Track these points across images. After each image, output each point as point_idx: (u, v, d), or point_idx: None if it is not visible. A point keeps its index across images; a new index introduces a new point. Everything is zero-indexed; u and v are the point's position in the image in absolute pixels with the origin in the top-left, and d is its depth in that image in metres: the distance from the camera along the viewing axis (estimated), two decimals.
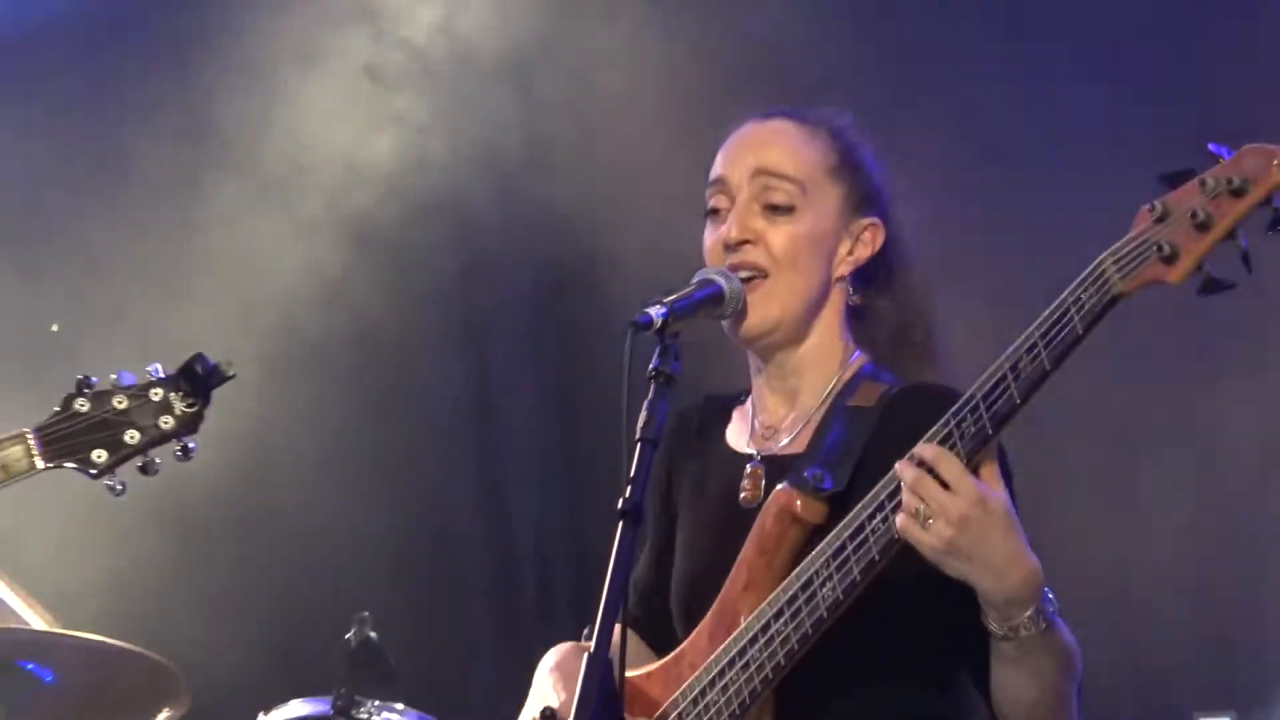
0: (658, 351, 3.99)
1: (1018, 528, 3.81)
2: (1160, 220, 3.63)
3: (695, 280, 4.20)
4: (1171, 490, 7.01)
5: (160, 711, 6.83)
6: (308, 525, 7.84)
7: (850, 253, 4.31)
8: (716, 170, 4.33)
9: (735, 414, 4.44)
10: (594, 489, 7.00)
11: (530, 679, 4.42)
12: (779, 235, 4.24)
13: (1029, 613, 3.83)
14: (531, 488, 7.85)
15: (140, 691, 6.81)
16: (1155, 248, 3.60)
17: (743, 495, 4.25)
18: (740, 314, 4.23)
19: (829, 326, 4.33)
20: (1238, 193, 3.55)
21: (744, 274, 4.21)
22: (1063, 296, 3.71)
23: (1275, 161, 3.52)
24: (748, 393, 4.43)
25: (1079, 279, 3.70)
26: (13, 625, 6.64)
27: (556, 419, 7.71)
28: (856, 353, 4.32)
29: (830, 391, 4.27)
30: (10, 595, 6.62)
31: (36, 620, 6.77)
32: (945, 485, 3.76)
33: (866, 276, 4.35)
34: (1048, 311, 3.72)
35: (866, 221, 4.32)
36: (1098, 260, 3.68)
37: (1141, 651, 6.07)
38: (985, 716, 4.16)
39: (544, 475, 7.80)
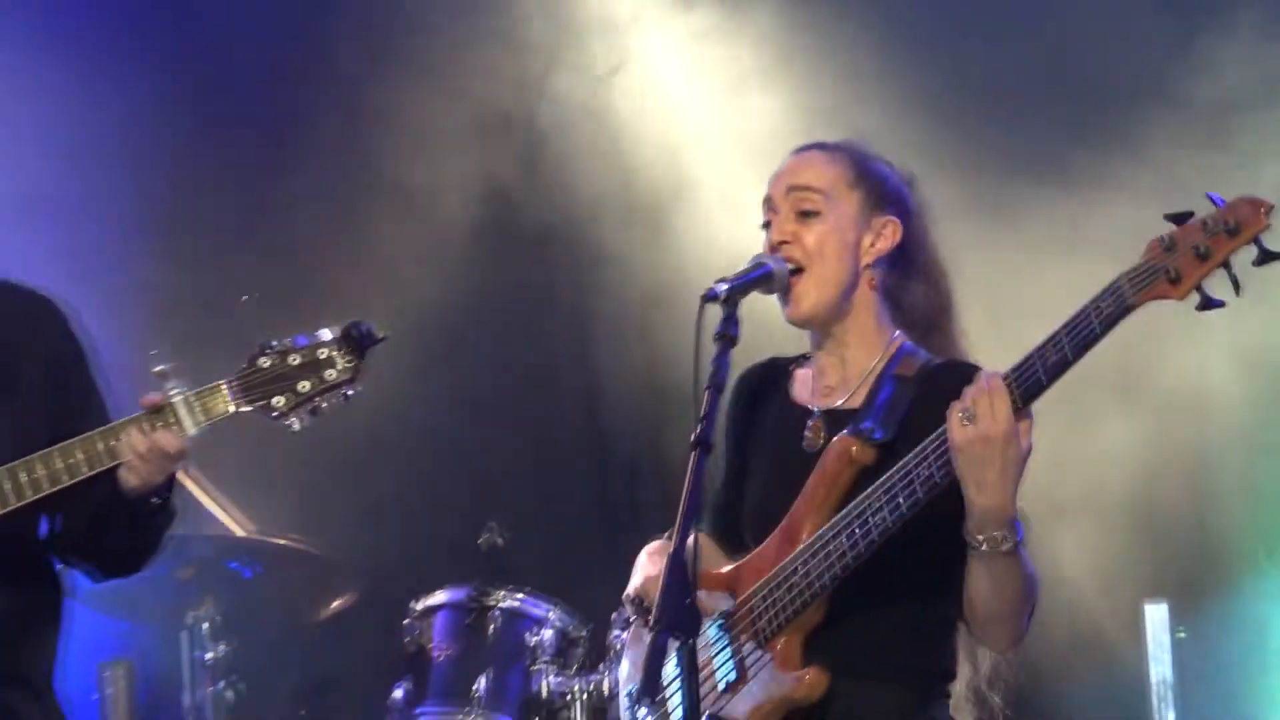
0: (722, 317, 4.05)
1: (1017, 474, 3.87)
2: (1168, 250, 3.75)
3: (750, 263, 4.23)
4: (1125, 425, 6.94)
5: (336, 599, 6.86)
6: (452, 454, 7.87)
7: (873, 245, 4.28)
8: (766, 193, 4.35)
9: (797, 374, 4.42)
10: (674, 422, 6.96)
11: (623, 570, 4.44)
12: (810, 234, 4.24)
13: (999, 533, 3.89)
14: (625, 423, 7.80)
15: (320, 583, 6.86)
16: (1164, 271, 3.74)
17: (806, 441, 4.24)
18: (788, 301, 4.25)
19: (867, 307, 4.31)
20: (1232, 233, 3.70)
21: (789, 268, 4.23)
22: (1086, 304, 3.81)
23: (1263, 210, 3.68)
24: (804, 356, 4.43)
25: (1100, 291, 3.80)
26: (221, 532, 6.63)
27: (645, 367, 7.61)
28: (897, 333, 4.32)
29: (879, 362, 4.27)
30: (219, 507, 6.60)
31: (240, 527, 6.75)
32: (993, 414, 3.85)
33: (896, 264, 4.33)
34: (1073, 314, 3.82)
35: (885, 219, 4.29)
36: (1116, 278, 3.79)
37: (1099, 552, 5.94)
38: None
39: (634, 411, 7.75)
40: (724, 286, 4.05)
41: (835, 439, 4.11)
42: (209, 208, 8.00)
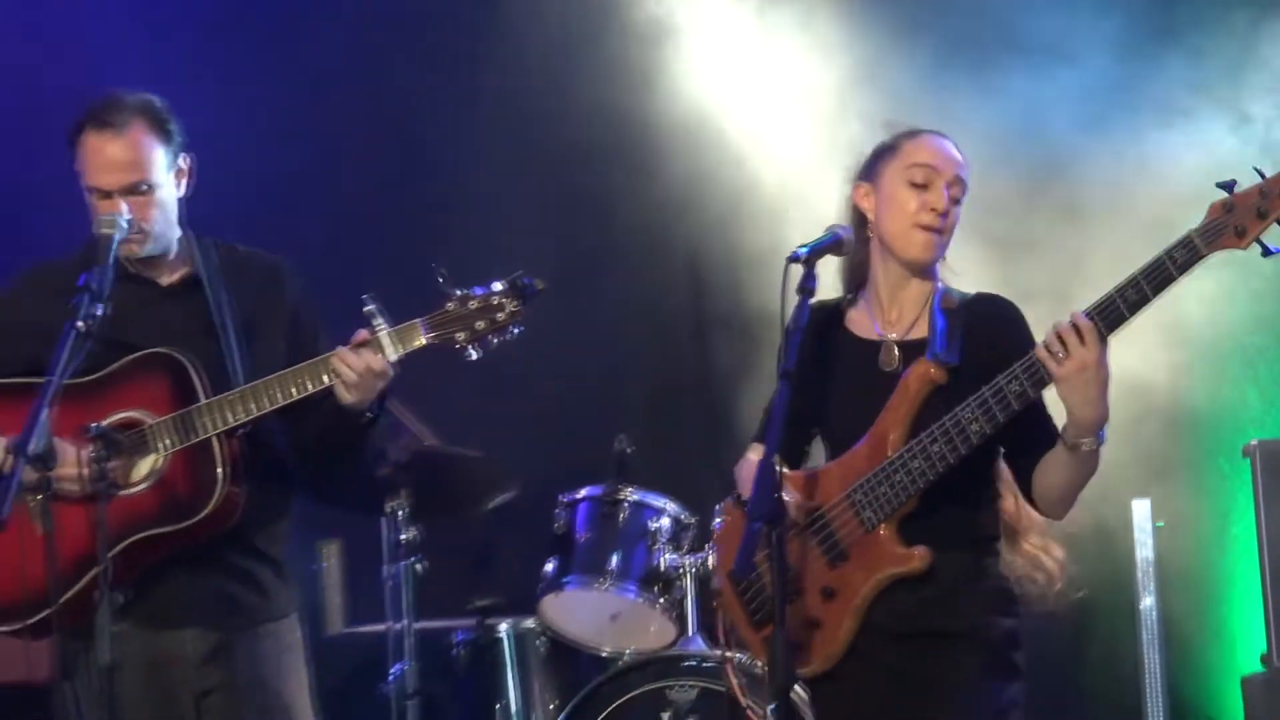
0: (803, 274, 4.11)
1: (1107, 388, 3.94)
2: (1229, 211, 3.78)
3: (825, 231, 4.26)
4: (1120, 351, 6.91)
5: (500, 494, 6.88)
6: (592, 382, 7.86)
7: None
8: (927, 158, 4.25)
9: (849, 312, 4.40)
10: (764, 356, 6.97)
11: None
12: (954, 215, 4.25)
13: (1090, 438, 3.98)
14: (726, 357, 7.79)
15: (487, 481, 6.87)
16: (1231, 227, 3.77)
17: (883, 365, 4.25)
18: (922, 252, 4.24)
19: None
20: None
21: (933, 233, 4.23)
22: (1160, 253, 3.84)
23: None
24: (847, 298, 4.43)
25: (1173, 243, 3.83)
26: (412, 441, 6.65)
27: (743, 312, 7.61)
28: (936, 277, 4.36)
29: (930, 300, 4.28)
30: (411, 422, 6.62)
31: (426, 438, 6.78)
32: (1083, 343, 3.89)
33: None
34: (1151, 260, 3.85)
35: None
36: (1187, 233, 3.82)
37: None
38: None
39: (733, 348, 7.74)
40: (804, 250, 4.12)
41: (915, 364, 4.13)
42: (396, 190, 8.03)
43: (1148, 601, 6.91)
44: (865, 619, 4.13)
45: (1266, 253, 3.78)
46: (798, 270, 4.09)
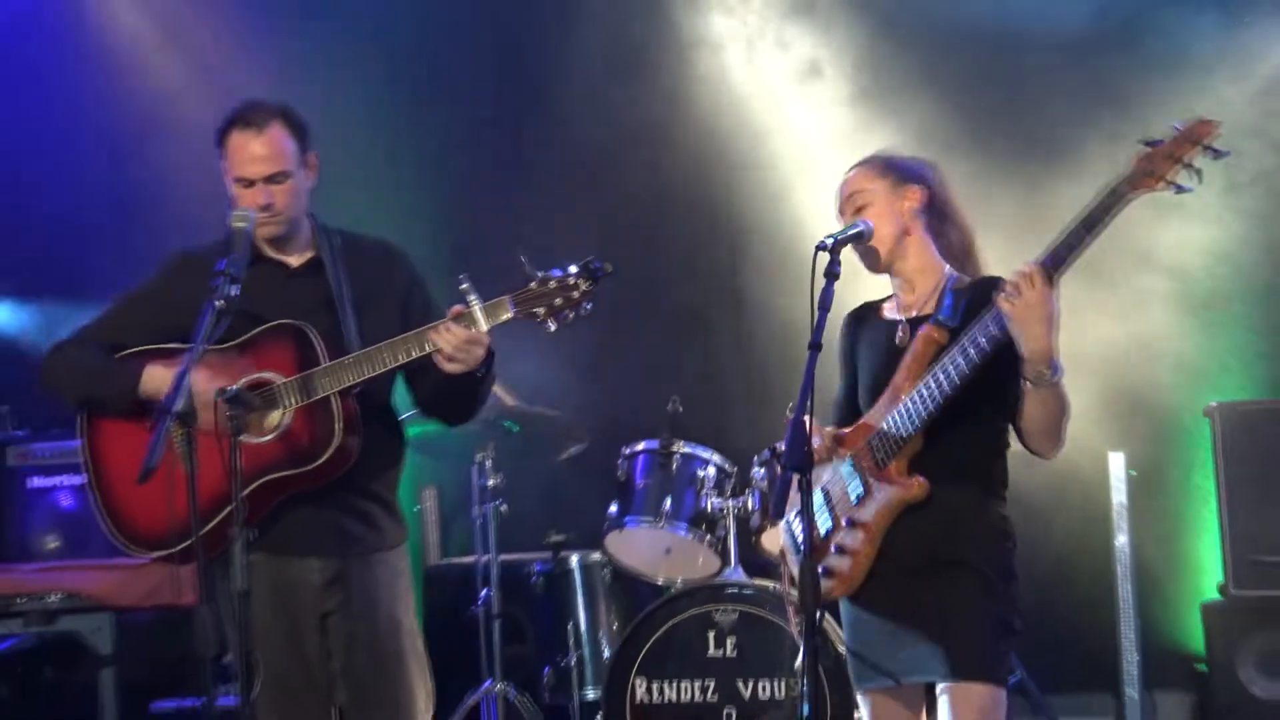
0: (829, 261, 4.10)
1: (1054, 326, 3.93)
2: (1147, 158, 3.78)
3: (849, 223, 4.27)
4: (1096, 317, 6.91)
5: (573, 446, 6.87)
6: (648, 354, 7.87)
7: (906, 206, 4.31)
8: (838, 198, 4.39)
9: (884, 306, 4.46)
10: (796, 332, 6.92)
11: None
12: (864, 222, 4.27)
13: (1044, 369, 3.95)
14: (763, 331, 7.79)
15: (562, 434, 6.84)
16: (1149, 172, 3.77)
17: (898, 339, 4.29)
18: (865, 261, 4.32)
19: (920, 248, 4.34)
20: (1193, 142, 3.74)
21: (857, 243, 4.30)
22: (1092, 200, 3.84)
23: (1213, 125, 3.73)
24: (888, 297, 4.46)
25: (1103, 189, 3.84)
26: (497, 402, 6.64)
27: (777, 294, 7.59)
28: (948, 266, 4.35)
29: (938, 284, 4.31)
30: (496, 386, 6.61)
31: (509, 398, 6.77)
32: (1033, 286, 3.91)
33: (932, 216, 4.36)
34: (1084, 209, 3.85)
35: (909, 188, 4.32)
36: (1113, 180, 3.83)
37: (1079, 415, 5.88)
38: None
39: (770, 323, 7.69)
40: (830, 240, 4.12)
41: (921, 328, 4.18)
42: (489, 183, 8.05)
43: (1121, 540, 6.88)
44: (882, 548, 4.17)
45: (1179, 190, 3.78)
46: (825, 257, 4.09)
